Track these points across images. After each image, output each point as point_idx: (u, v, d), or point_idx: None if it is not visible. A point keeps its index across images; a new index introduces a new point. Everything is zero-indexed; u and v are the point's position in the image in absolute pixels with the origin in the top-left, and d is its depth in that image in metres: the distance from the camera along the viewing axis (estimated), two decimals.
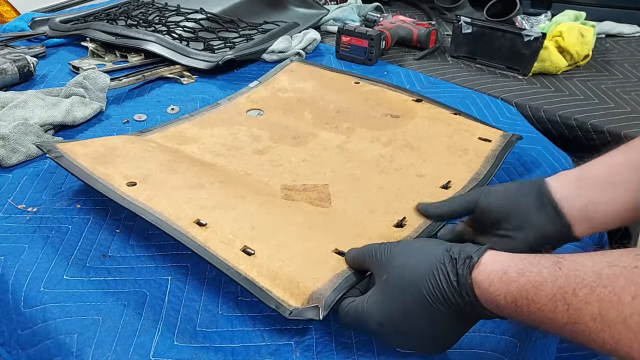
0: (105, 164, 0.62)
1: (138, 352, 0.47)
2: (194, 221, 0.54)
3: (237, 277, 0.48)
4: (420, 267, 0.42)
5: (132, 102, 0.90)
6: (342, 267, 0.49)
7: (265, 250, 0.51)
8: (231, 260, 0.50)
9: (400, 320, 0.42)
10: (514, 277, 0.37)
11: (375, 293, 0.44)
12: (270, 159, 0.71)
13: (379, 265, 0.45)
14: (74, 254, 0.57)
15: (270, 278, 0.48)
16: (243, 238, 0.52)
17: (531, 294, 0.36)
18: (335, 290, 0.46)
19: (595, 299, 0.33)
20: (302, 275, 0.48)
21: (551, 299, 0.35)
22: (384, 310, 0.43)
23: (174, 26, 1.12)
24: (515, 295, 0.37)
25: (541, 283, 0.36)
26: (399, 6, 1.52)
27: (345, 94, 0.86)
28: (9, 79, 0.91)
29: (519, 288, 0.37)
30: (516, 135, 0.74)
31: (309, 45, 1.11)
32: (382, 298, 0.43)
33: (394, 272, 0.43)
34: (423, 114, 0.80)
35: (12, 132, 0.71)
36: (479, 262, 0.40)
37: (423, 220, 0.59)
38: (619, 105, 0.94)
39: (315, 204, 0.62)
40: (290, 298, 0.47)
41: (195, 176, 0.62)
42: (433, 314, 0.41)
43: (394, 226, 0.58)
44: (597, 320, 0.32)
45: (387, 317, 0.42)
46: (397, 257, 0.44)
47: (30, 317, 0.51)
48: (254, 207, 0.58)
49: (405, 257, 0.44)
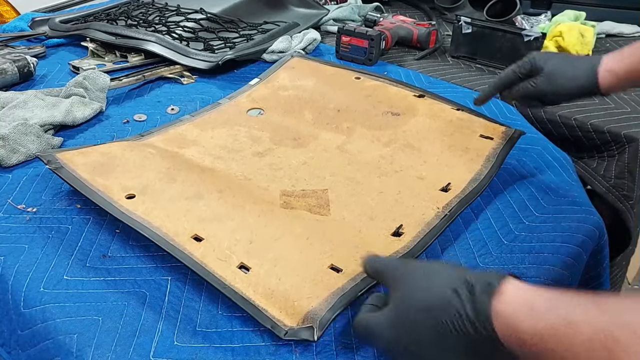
0: (104, 175, 0.63)
1: (138, 352, 0.47)
2: (192, 236, 0.55)
3: (233, 296, 0.49)
4: (434, 290, 0.38)
5: (132, 102, 0.90)
6: (337, 285, 0.50)
7: (262, 265, 0.52)
8: (228, 278, 0.50)
9: (409, 344, 0.39)
10: (542, 311, 0.33)
11: (388, 311, 0.41)
12: (270, 162, 0.71)
13: (395, 282, 0.43)
14: (73, 254, 0.57)
15: (266, 297, 0.49)
16: (240, 253, 0.53)
17: (562, 333, 0.32)
18: (330, 310, 0.47)
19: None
20: (298, 293, 0.49)
21: (588, 340, 0.31)
22: (394, 332, 0.40)
23: (174, 26, 1.11)
24: (544, 333, 0.32)
25: (577, 323, 0.31)
26: (399, 6, 1.52)
27: (346, 91, 0.86)
28: (9, 79, 0.91)
29: (549, 326, 0.32)
30: (518, 131, 0.74)
31: (309, 45, 1.11)
32: (394, 319, 0.40)
33: (408, 294, 0.40)
34: (424, 110, 0.79)
35: (12, 132, 0.71)
36: (500, 291, 0.35)
37: (421, 228, 0.59)
38: (619, 105, 0.94)
39: (314, 211, 0.62)
40: (285, 317, 0.47)
41: (194, 185, 0.62)
42: (442, 345, 0.37)
43: (392, 235, 0.58)
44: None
45: (396, 339, 0.40)
46: (413, 276, 0.41)
47: (30, 318, 0.51)
48: (252, 217, 0.58)
49: (421, 278, 0.41)
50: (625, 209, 0.88)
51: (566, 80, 0.64)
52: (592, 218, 0.67)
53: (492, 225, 0.64)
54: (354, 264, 0.52)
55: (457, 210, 0.62)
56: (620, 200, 0.88)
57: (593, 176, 0.91)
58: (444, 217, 0.60)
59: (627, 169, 0.87)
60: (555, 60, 0.65)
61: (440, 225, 0.59)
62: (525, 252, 0.60)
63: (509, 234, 0.63)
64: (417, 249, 0.56)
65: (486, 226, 0.64)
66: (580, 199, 0.71)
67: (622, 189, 0.88)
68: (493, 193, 0.69)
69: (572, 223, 0.65)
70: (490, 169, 0.68)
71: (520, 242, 0.62)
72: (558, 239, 0.62)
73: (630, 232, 0.89)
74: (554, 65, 0.64)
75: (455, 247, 0.60)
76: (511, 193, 0.70)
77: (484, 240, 0.62)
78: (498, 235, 0.62)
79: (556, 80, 0.64)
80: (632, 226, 0.88)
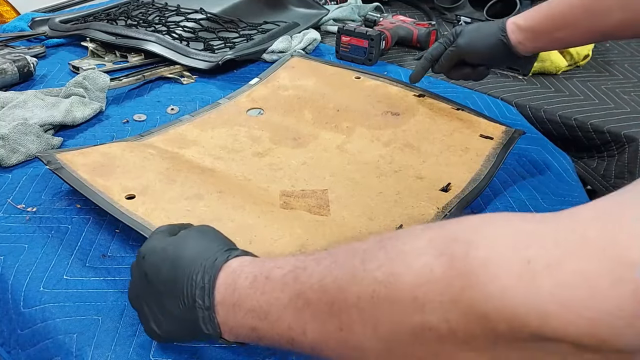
0: (104, 176, 0.63)
1: (138, 352, 0.47)
2: None
3: None
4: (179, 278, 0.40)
5: (132, 102, 0.90)
6: None
7: None
8: None
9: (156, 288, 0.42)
10: (263, 259, 0.39)
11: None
12: (270, 163, 0.71)
13: None
14: (73, 254, 0.57)
15: None
16: None
17: (269, 272, 0.37)
18: None
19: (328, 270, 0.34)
20: None
21: (284, 275, 0.36)
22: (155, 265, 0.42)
23: (174, 26, 1.11)
24: (256, 273, 0.37)
25: (282, 263, 0.37)
26: (399, 6, 1.52)
27: (346, 91, 0.86)
28: (9, 79, 0.91)
29: (262, 267, 0.38)
30: (519, 131, 0.74)
31: (309, 45, 1.11)
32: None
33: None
34: (424, 110, 0.80)
35: (11, 132, 0.71)
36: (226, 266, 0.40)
37: None
38: (619, 105, 0.94)
39: (313, 211, 0.62)
40: None
41: (194, 186, 0.62)
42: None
43: None
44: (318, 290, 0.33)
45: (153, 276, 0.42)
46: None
47: (30, 317, 0.51)
48: (252, 218, 0.58)
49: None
50: None
51: (481, 35, 0.74)
52: None
53: None
54: None
55: (457, 210, 0.62)
56: None
57: (593, 176, 0.91)
58: (443, 217, 0.60)
59: (627, 169, 0.87)
60: (472, 25, 0.77)
61: None
62: None
63: None
64: None
65: None
66: (580, 199, 0.71)
67: None
68: (493, 193, 0.69)
69: None
70: (490, 169, 0.68)
71: None
72: None
73: None
74: (470, 27, 0.76)
75: None
76: (511, 193, 0.70)
77: None
78: None
79: (472, 37, 0.75)
80: None
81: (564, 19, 0.66)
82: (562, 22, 0.67)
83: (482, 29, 0.74)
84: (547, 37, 0.69)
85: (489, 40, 0.72)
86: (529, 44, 0.71)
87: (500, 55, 0.73)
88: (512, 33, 0.71)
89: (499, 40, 0.72)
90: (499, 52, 0.72)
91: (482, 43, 0.73)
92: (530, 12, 0.70)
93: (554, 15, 0.67)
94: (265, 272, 0.37)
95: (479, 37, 0.74)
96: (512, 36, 0.71)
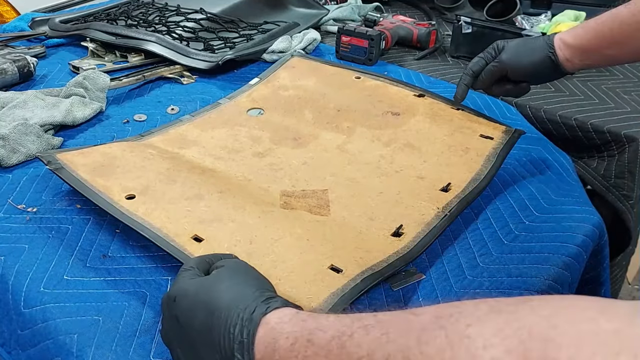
0: (104, 176, 0.63)
1: (138, 352, 0.47)
2: (192, 237, 0.55)
3: None
4: (214, 331, 0.38)
5: (132, 102, 0.90)
6: (337, 285, 0.50)
7: (262, 267, 0.51)
8: None
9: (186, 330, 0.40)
10: (304, 317, 0.36)
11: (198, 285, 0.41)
12: (270, 163, 0.71)
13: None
14: (74, 254, 0.57)
15: None
16: (240, 254, 0.53)
17: (311, 334, 0.34)
18: (330, 310, 0.47)
19: (366, 340, 0.31)
20: (298, 294, 0.49)
21: (329, 341, 0.33)
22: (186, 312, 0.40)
23: (174, 26, 1.11)
24: (297, 335, 0.35)
25: (325, 326, 0.34)
26: (399, 6, 1.52)
27: (346, 91, 0.86)
28: (9, 79, 0.91)
29: (303, 328, 0.35)
30: (519, 131, 0.74)
31: (309, 45, 1.11)
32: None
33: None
34: (425, 110, 0.79)
35: (12, 132, 0.71)
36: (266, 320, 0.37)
37: (421, 229, 0.59)
38: (619, 105, 0.94)
39: (314, 212, 0.62)
40: None
41: (195, 186, 0.62)
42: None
43: (392, 235, 0.58)
44: None
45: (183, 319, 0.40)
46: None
47: (30, 318, 0.51)
48: (252, 219, 0.58)
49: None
50: (625, 209, 0.88)
51: (526, 50, 0.72)
52: (592, 218, 0.67)
53: (492, 225, 0.64)
54: (354, 264, 0.52)
55: (457, 210, 0.62)
56: (620, 200, 0.88)
57: (593, 176, 0.91)
58: (444, 217, 0.60)
59: (627, 168, 0.87)
60: (516, 40, 0.74)
61: (440, 225, 0.59)
62: (525, 252, 0.60)
63: (509, 234, 0.63)
64: (417, 249, 0.56)
65: (486, 226, 0.64)
66: (580, 199, 0.71)
67: (622, 189, 0.88)
68: (493, 193, 0.69)
69: (572, 223, 0.65)
70: (491, 169, 0.68)
71: (520, 242, 0.62)
72: (558, 239, 0.62)
73: (630, 232, 0.89)
74: (514, 43, 0.74)
75: (455, 247, 0.61)
76: (511, 193, 0.70)
77: (484, 240, 0.62)
78: (498, 235, 0.62)
79: (517, 52, 0.72)
80: (632, 226, 0.88)
81: (613, 37, 0.65)
82: (611, 40, 0.66)
83: (528, 45, 0.72)
84: (597, 55, 0.68)
85: (536, 56, 0.71)
86: (577, 61, 0.70)
87: (546, 72, 0.72)
88: (559, 50, 0.70)
89: (546, 57, 0.70)
90: (546, 69, 0.71)
91: (527, 59, 0.71)
92: (577, 30, 0.69)
93: (604, 33, 0.66)
94: (306, 335, 0.35)
95: (525, 52, 0.72)
96: (559, 53, 0.70)
